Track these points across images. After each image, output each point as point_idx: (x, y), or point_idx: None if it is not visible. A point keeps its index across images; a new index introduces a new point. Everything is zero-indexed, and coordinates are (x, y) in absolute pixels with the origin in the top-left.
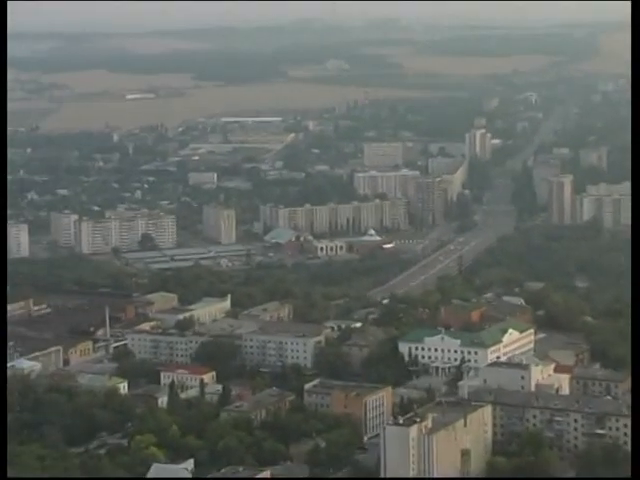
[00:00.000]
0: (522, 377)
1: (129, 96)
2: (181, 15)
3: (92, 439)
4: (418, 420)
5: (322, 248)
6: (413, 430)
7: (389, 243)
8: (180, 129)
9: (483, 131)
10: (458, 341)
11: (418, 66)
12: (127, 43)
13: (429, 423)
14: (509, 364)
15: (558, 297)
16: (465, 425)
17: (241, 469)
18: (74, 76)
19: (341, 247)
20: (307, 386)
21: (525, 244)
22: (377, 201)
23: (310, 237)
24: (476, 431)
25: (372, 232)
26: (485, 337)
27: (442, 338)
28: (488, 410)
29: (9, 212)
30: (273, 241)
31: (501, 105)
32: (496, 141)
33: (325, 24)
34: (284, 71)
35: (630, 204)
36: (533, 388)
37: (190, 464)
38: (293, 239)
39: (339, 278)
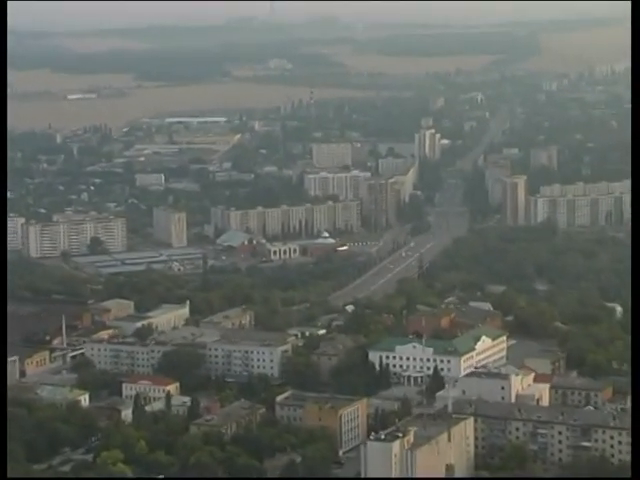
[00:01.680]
0: (502, 387)
1: (70, 96)
2: (118, 15)
3: (55, 455)
4: (400, 435)
5: (275, 251)
6: (395, 445)
7: (343, 246)
8: (124, 130)
9: (432, 131)
10: (430, 349)
11: (361, 65)
12: (67, 42)
13: (411, 438)
14: (488, 374)
15: (524, 302)
16: (449, 440)
17: None
18: (15, 75)
19: (295, 250)
20: (279, 398)
21: (481, 246)
22: (330, 203)
23: (263, 240)
24: (459, 445)
25: (326, 234)
26: (458, 345)
27: (414, 346)
28: (470, 423)
29: None
30: (225, 244)
31: (447, 105)
32: (445, 141)
33: (264, 23)
34: (226, 71)
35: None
36: (513, 399)
37: None
38: (246, 242)
39: (296, 282)
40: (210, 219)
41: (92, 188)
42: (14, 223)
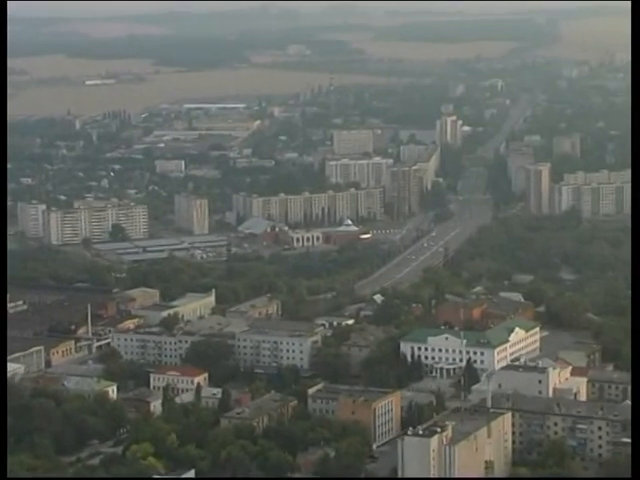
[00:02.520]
0: (539, 381)
1: (89, 82)
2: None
3: (83, 447)
4: (438, 430)
5: (298, 239)
6: (434, 441)
7: (366, 233)
8: (143, 116)
9: (454, 118)
10: (463, 341)
11: (380, 52)
12: (84, 28)
13: (449, 433)
14: (525, 367)
15: (554, 292)
16: (489, 435)
17: None
18: (32, 61)
19: (317, 238)
20: (311, 391)
21: (505, 234)
22: (352, 190)
23: (285, 227)
24: (497, 440)
25: (349, 222)
26: (491, 337)
27: (446, 338)
28: (508, 418)
29: None
30: (247, 231)
31: (467, 92)
32: (466, 128)
33: (282, 9)
34: (245, 57)
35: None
36: (551, 393)
37: (191, 475)
38: (268, 230)
39: (320, 270)
40: (231, 206)
41: (112, 174)
42: (36, 210)
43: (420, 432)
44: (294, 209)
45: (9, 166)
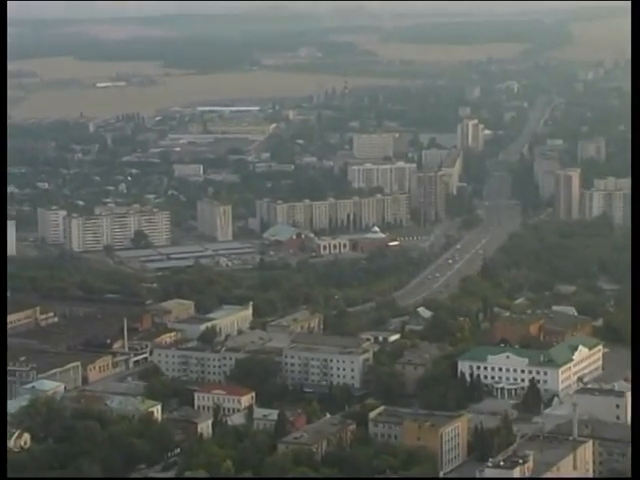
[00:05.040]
0: (617, 405)
1: (99, 84)
2: (141, 2)
3: (131, 472)
4: (520, 461)
5: (325, 246)
6: (516, 472)
7: (394, 240)
8: (157, 118)
9: (475, 122)
10: (526, 360)
11: (390, 53)
12: (92, 29)
13: (531, 464)
14: (601, 390)
15: (599, 303)
16: (574, 467)
17: None
18: (41, 63)
19: (344, 245)
20: (372, 414)
21: (537, 242)
22: (378, 196)
23: (311, 234)
24: (579, 471)
25: (376, 229)
26: (555, 355)
27: (507, 357)
28: (589, 446)
29: None
30: (273, 238)
31: (483, 94)
32: (487, 132)
33: (292, 11)
34: (256, 59)
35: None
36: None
37: None
38: (294, 236)
39: (351, 279)
40: (253, 212)
41: (129, 179)
42: (56, 216)
43: (501, 463)
44: (319, 215)
45: (24, 170)
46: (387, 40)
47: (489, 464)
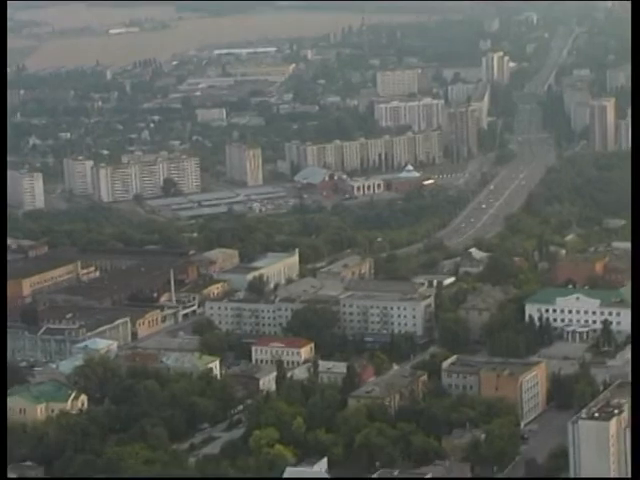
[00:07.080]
0: None
1: (112, 31)
2: None
3: (194, 432)
4: (616, 412)
5: (358, 187)
6: (612, 425)
7: (429, 179)
8: (174, 63)
9: (500, 54)
10: (597, 301)
11: None
12: None
13: (626, 414)
14: None
15: None
16: None
17: (396, 473)
18: (51, 12)
19: (379, 185)
20: (445, 364)
21: (576, 175)
22: (409, 134)
23: (344, 176)
24: None
25: (410, 168)
26: (626, 294)
27: (577, 298)
28: None
29: (11, 159)
30: (305, 181)
31: (502, 27)
32: (511, 64)
33: None
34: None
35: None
36: None
37: (323, 464)
38: (327, 178)
39: (390, 221)
40: (281, 154)
41: (152, 125)
42: (83, 166)
43: (595, 414)
44: (350, 156)
45: (45, 121)
46: None
47: (583, 415)
